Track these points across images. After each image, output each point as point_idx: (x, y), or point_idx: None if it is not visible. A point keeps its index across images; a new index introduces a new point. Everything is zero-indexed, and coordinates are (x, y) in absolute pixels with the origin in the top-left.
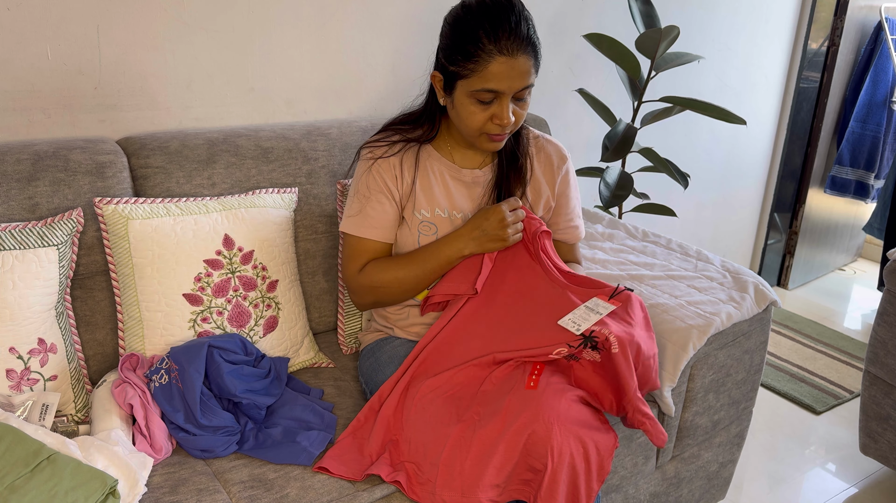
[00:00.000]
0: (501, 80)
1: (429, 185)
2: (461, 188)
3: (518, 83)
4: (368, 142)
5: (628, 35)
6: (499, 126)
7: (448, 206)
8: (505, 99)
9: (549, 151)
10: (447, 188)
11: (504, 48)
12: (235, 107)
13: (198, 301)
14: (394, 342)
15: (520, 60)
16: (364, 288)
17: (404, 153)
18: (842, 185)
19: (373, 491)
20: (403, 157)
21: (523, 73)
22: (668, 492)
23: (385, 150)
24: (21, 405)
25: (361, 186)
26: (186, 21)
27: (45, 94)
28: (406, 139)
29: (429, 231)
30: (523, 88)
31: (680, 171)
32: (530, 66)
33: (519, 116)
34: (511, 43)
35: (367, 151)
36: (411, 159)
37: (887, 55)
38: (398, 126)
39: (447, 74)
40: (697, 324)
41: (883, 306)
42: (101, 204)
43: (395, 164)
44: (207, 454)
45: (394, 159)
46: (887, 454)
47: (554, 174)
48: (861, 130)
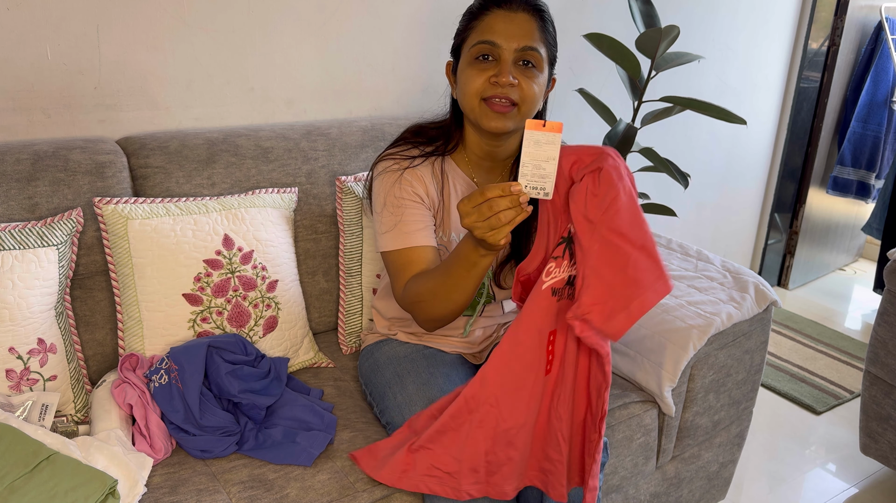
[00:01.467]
0: (499, 33)
1: (449, 207)
2: None
3: (518, 40)
4: (386, 154)
5: (628, 35)
6: (497, 86)
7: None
8: (505, 55)
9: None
10: None
11: (504, 3)
12: (235, 107)
13: (197, 301)
14: (393, 343)
15: (520, 16)
16: (409, 305)
17: (430, 168)
18: (844, 186)
19: (373, 491)
20: (430, 172)
21: (525, 30)
22: (668, 493)
23: (408, 162)
24: (21, 405)
25: (391, 198)
26: (186, 21)
27: (45, 94)
28: (426, 153)
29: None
30: (525, 49)
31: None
32: (534, 28)
33: (525, 89)
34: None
35: (392, 163)
36: (437, 174)
37: (888, 55)
38: (414, 138)
39: (456, 54)
40: (698, 324)
41: (883, 306)
42: (101, 204)
43: (423, 179)
44: (207, 454)
45: (419, 174)
46: (887, 454)
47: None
48: (862, 130)
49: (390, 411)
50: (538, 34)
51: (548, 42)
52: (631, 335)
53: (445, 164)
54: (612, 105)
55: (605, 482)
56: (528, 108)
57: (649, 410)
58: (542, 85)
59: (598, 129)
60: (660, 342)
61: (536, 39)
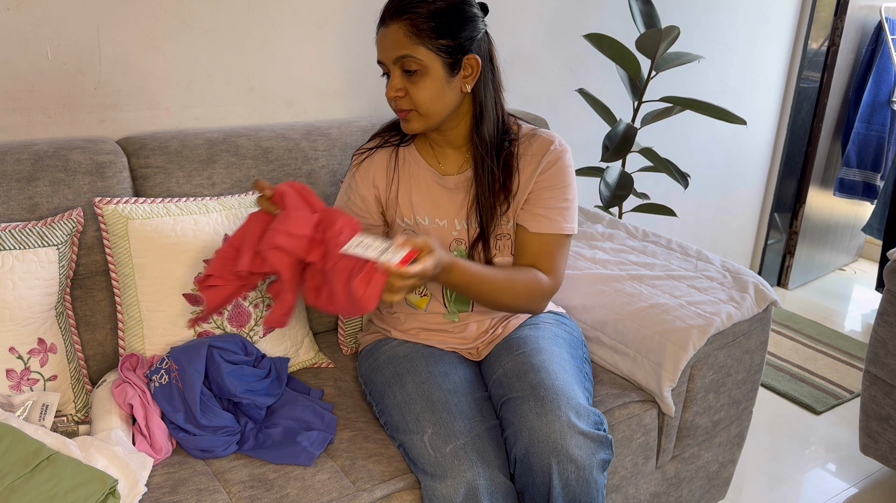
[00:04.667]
0: (380, 50)
1: (409, 192)
2: (444, 194)
3: (389, 51)
4: (358, 149)
5: (628, 35)
6: (390, 100)
7: (430, 214)
8: (391, 70)
9: (536, 144)
10: (430, 194)
11: (381, 18)
12: (235, 107)
13: (198, 301)
14: (391, 343)
15: (391, 28)
16: None
17: (386, 157)
18: (850, 187)
19: (373, 491)
20: (385, 161)
21: (394, 41)
22: (668, 492)
23: (366, 154)
24: (21, 405)
25: (345, 185)
26: (186, 21)
27: (45, 94)
28: (384, 142)
29: None
30: (398, 59)
31: (680, 171)
32: (401, 35)
33: (413, 96)
34: (385, 13)
35: (354, 159)
36: (392, 162)
37: (888, 55)
38: (384, 132)
39: None
40: (697, 324)
41: (883, 306)
42: (101, 204)
43: (376, 170)
44: (207, 454)
45: (374, 165)
46: (887, 454)
47: (535, 165)
48: (866, 131)
49: (390, 410)
50: (409, 39)
51: (427, 39)
52: (631, 335)
53: (407, 151)
54: (612, 105)
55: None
56: (427, 110)
57: (649, 410)
58: (435, 83)
59: (598, 128)
60: (660, 342)
61: (408, 45)
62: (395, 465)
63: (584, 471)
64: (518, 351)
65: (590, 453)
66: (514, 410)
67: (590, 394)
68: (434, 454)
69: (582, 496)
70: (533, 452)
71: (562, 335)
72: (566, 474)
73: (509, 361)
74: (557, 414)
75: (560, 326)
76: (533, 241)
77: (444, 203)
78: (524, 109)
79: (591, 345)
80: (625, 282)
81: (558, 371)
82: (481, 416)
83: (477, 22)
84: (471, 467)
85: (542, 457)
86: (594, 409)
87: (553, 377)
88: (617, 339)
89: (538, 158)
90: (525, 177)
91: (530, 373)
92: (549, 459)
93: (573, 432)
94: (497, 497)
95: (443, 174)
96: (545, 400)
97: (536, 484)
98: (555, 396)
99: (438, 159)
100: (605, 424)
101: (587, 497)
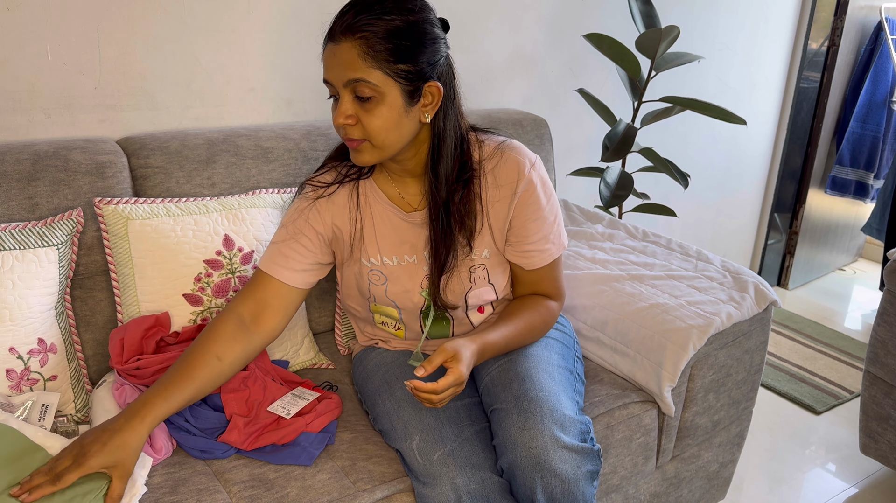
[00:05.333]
0: (328, 69)
1: (373, 232)
2: (410, 229)
3: (339, 73)
4: (310, 178)
5: (628, 35)
6: (338, 128)
7: (397, 253)
8: (341, 93)
9: (504, 171)
10: (396, 232)
11: (330, 32)
12: (235, 107)
13: (198, 301)
14: (379, 350)
15: (342, 46)
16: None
17: (346, 195)
18: (842, 186)
19: (373, 492)
20: (346, 199)
21: (345, 62)
22: (668, 492)
23: (322, 191)
24: (21, 405)
25: (287, 220)
26: (186, 21)
27: (45, 94)
28: (342, 177)
29: (378, 281)
30: (350, 82)
31: (680, 171)
32: (355, 56)
33: (366, 124)
34: (335, 27)
35: (308, 189)
36: (353, 201)
37: (887, 55)
38: (335, 159)
39: None
40: (697, 324)
41: (883, 306)
42: (101, 204)
43: (336, 210)
44: (207, 455)
45: (338, 205)
46: (887, 454)
47: (510, 195)
48: (861, 130)
49: (381, 418)
50: (363, 61)
51: (383, 62)
52: (631, 335)
53: (365, 186)
54: (612, 105)
55: (605, 482)
56: (381, 140)
57: (649, 410)
58: (391, 111)
59: (598, 128)
60: (660, 342)
61: (361, 68)
62: (396, 467)
63: (570, 484)
64: (506, 356)
65: (575, 466)
66: (499, 422)
67: (580, 397)
68: (422, 462)
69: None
70: (516, 466)
71: (553, 335)
72: (550, 488)
73: (496, 368)
74: (540, 428)
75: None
76: (530, 275)
77: (411, 239)
78: (524, 109)
79: (591, 345)
80: (625, 283)
81: (544, 380)
82: (470, 420)
83: (439, 44)
84: (460, 473)
85: (526, 471)
86: (581, 417)
87: (538, 388)
88: (617, 339)
89: (511, 188)
90: (498, 208)
91: (515, 383)
92: (532, 474)
93: (557, 447)
94: (492, 497)
95: (408, 211)
96: (528, 413)
97: (522, 496)
98: (538, 409)
99: (400, 191)
100: (592, 433)
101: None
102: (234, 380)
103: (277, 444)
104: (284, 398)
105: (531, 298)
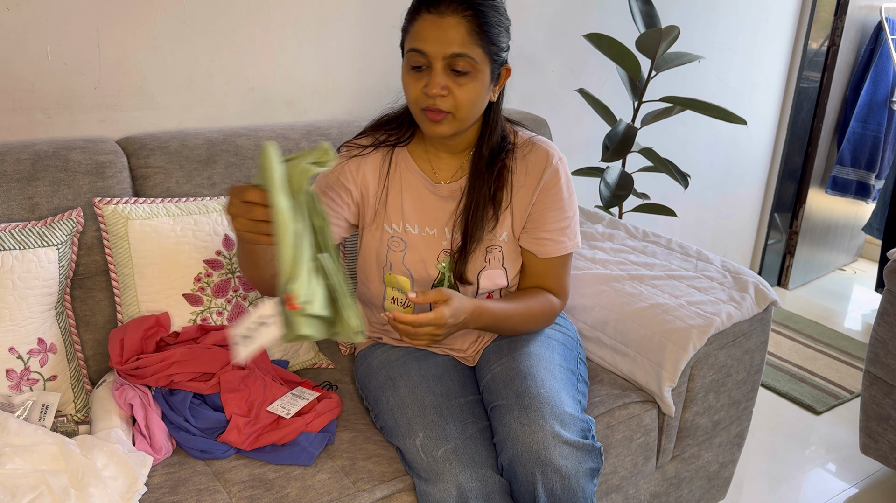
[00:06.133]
0: (426, 40)
1: (400, 199)
2: (436, 202)
3: (444, 46)
4: (345, 143)
5: (628, 35)
6: (427, 97)
7: (419, 223)
8: (435, 64)
9: (534, 158)
10: (420, 202)
11: (432, 4)
12: (235, 107)
13: (198, 301)
14: (384, 347)
15: (447, 21)
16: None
17: (380, 159)
18: (843, 186)
19: (373, 491)
20: (378, 163)
21: (452, 37)
22: (668, 492)
23: (357, 151)
24: (21, 405)
25: (321, 177)
26: (186, 21)
27: (45, 94)
28: (379, 142)
29: (397, 247)
30: (453, 56)
31: (680, 171)
32: (463, 32)
33: (457, 97)
34: (441, 1)
35: (346, 150)
36: (385, 166)
37: (888, 55)
38: (376, 129)
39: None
40: (697, 324)
41: (883, 306)
42: (101, 204)
43: (367, 170)
44: (207, 455)
45: (366, 164)
46: (887, 454)
47: (535, 183)
48: (862, 130)
49: (384, 415)
50: (470, 37)
51: (486, 41)
52: (631, 335)
53: (398, 154)
54: (612, 105)
55: (605, 482)
56: (465, 114)
57: (649, 410)
58: (481, 88)
59: (598, 128)
60: (660, 342)
61: (468, 44)
62: (395, 466)
63: (570, 480)
64: (508, 355)
65: (576, 463)
66: (499, 418)
67: (583, 397)
68: (426, 458)
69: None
70: (517, 462)
71: (555, 336)
72: (551, 484)
73: (498, 366)
74: (541, 423)
75: (554, 327)
76: (539, 265)
77: (434, 212)
78: (524, 110)
79: (591, 345)
80: (625, 282)
81: (545, 377)
82: (473, 418)
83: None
84: (462, 470)
85: (526, 467)
86: (583, 416)
87: (539, 384)
88: (617, 339)
89: (538, 175)
90: (523, 194)
91: (516, 380)
92: (532, 469)
93: (557, 442)
94: (492, 497)
95: (436, 182)
96: (529, 409)
97: (522, 492)
98: (539, 405)
99: (433, 165)
100: (594, 431)
101: None
102: (234, 380)
103: (277, 444)
104: (284, 398)
105: (535, 289)
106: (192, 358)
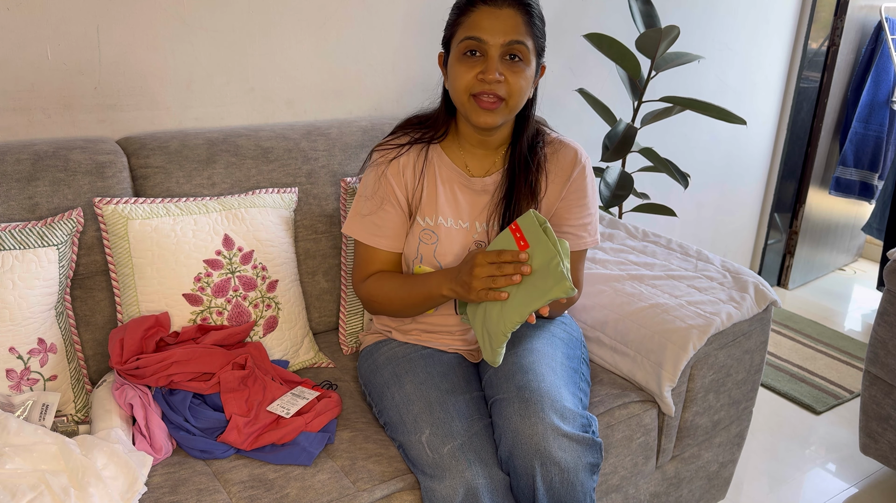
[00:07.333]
0: (484, 29)
1: (434, 192)
2: (469, 196)
3: (503, 35)
4: (380, 144)
5: (628, 35)
6: (484, 82)
7: (453, 215)
8: (492, 52)
9: (563, 155)
10: (454, 195)
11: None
12: (235, 107)
13: (198, 301)
14: (392, 344)
15: (505, 12)
16: (364, 298)
17: (414, 155)
18: (846, 187)
19: (373, 491)
20: (413, 159)
21: (509, 25)
22: (668, 492)
23: (395, 152)
24: (21, 405)
25: (369, 191)
26: (186, 21)
27: (45, 94)
28: (414, 140)
29: (429, 240)
30: (511, 43)
31: (680, 171)
32: (519, 22)
33: (512, 84)
34: None
35: (378, 155)
36: (420, 161)
37: (888, 55)
38: (409, 127)
39: (446, 47)
40: (697, 324)
41: (883, 306)
42: (101, 204)
43: (404, 168)
44: (207, 455)
45: (403, 162)
46: (887, 454)
47: (565, 179)
48: (864, 131)
49: (388, 411)
50: (524, 27)
51: (535, 34)
52: (631, 335)
53: (432, 151)
54: (612, 105)
55: (605, 482)
56: (516, 102)
57: (649, 410)
58: (530, 77)
59: (598, 128)
60: (660, 342)
61: (523, 33)
62: (396, 466)
63: (569, 473)
64: (510, 350)
65: (575, 456)
66: (499, 412)
67: (585, 396)
68: (432, 455)
69: (567, 499)
70: (516, 454)
71: (559, 335)
72: (550, 477)
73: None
74: (541, 416)
75: (559, 326)
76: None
77: (467, 205)
78: None
79: (591, 345)
80: (625, 282)
81: (546, 372)
82: (479, 414)
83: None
84: (469, 467)
85: (526, 459)
86: (584, 412)
87: (540, 379)
88: (617, 339)
89: (567, 172)
90: (554, 189)
91: (518, 375)
92: (531, 461)
93: (556, 435)
94: (498, 494)
95: (470, 176)
96: (529, 402)
97: (521, 485)
98: (539, 398)
99: (466, 161)
100: (595, 427)
101: (572, 500)
102: (234, 380)
103: (277, 444)
104: (284, 397)
105: None
106: (191, 358)
